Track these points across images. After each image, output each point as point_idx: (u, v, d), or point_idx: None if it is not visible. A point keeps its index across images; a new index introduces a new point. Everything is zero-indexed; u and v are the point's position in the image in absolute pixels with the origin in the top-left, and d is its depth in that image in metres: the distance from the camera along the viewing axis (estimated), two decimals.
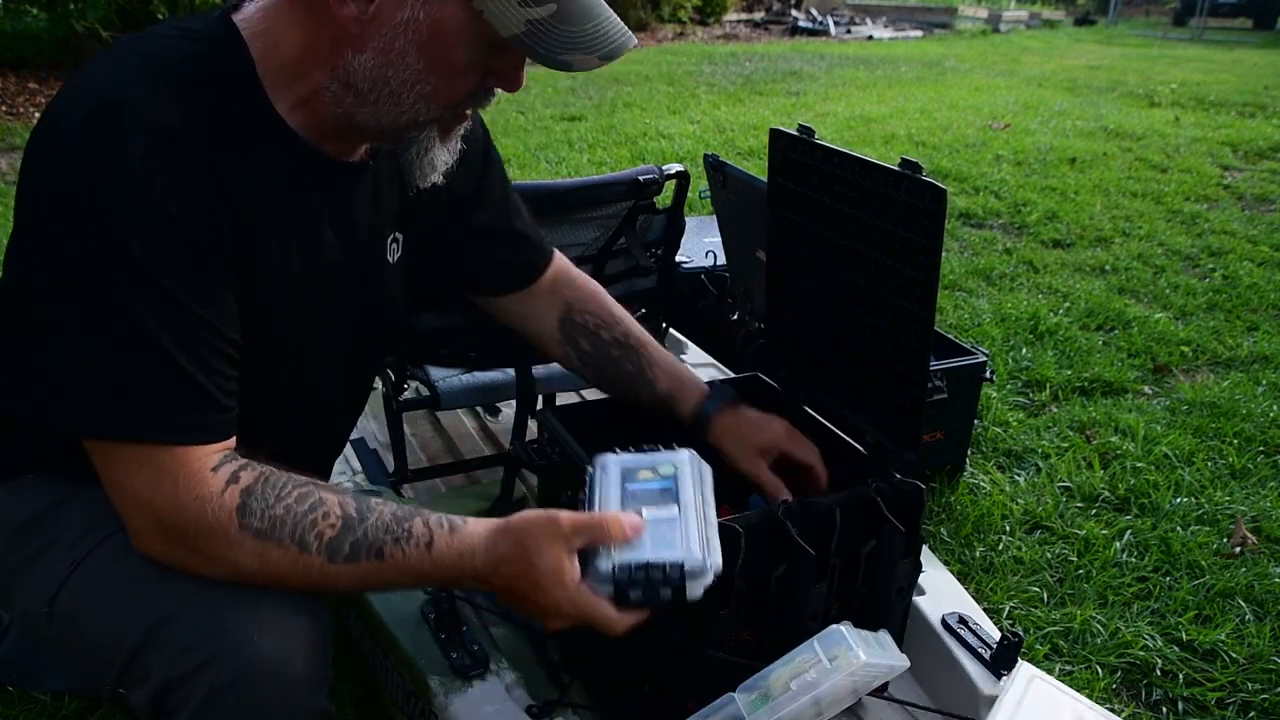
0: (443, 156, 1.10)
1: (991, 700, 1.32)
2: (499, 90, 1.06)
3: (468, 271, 1.37)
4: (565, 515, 0.99)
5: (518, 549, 0.98)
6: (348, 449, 2.02)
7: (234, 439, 0.99)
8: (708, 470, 1.11)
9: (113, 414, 0.92)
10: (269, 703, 0.94)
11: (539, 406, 2.01)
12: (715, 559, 0.98)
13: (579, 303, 1.42)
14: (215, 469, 0.95)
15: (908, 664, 1.19)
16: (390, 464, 1.92)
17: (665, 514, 1.01)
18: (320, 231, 1.08)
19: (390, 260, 1.21)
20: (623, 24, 1.02)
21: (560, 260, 1.45)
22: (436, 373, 1.92)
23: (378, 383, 2.04)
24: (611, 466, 1.10)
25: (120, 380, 0.92)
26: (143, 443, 0.93)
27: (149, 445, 0.93)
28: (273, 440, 1.04)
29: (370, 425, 2.10)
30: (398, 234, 1.21)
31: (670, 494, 1.05)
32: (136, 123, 0.90)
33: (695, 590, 0.97)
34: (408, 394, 1.91)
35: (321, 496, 0.98)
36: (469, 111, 1.08)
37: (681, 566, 0.95)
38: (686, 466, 1.09)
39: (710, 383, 1.44)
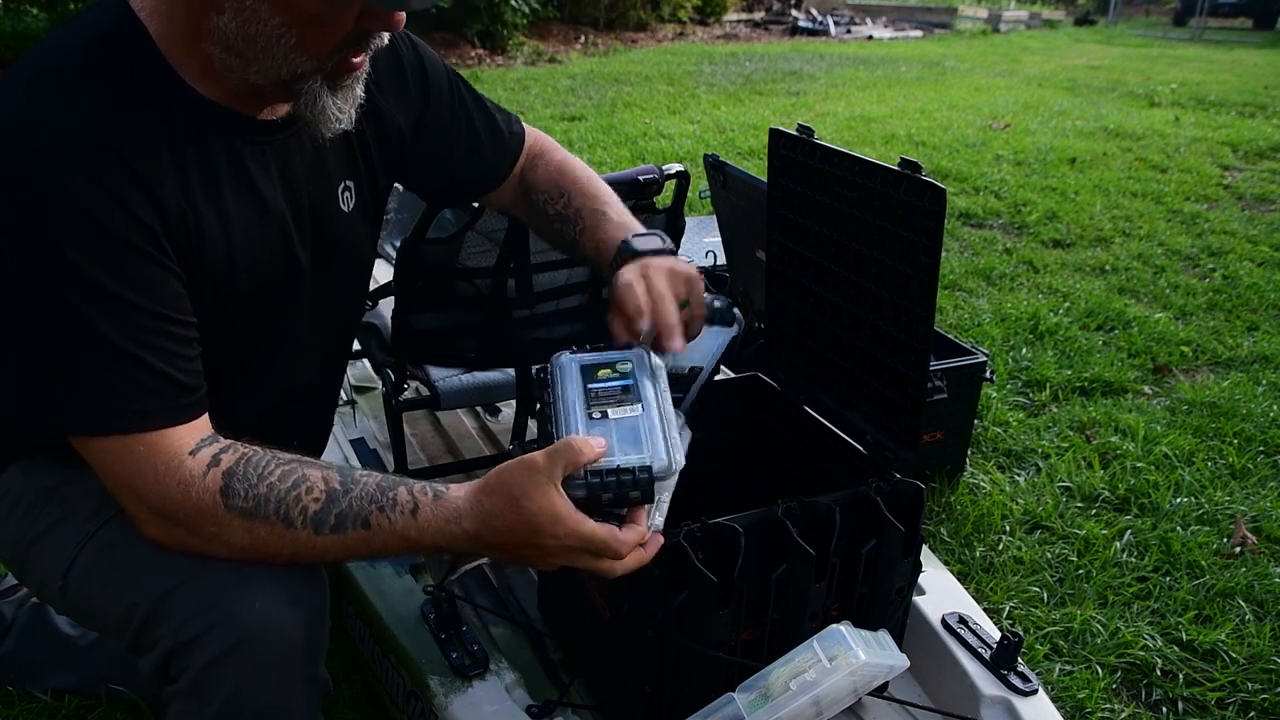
0: (337, 105, 1.07)
1: (991, 700, 1.33)
2: (383, 33, 1.04)
3: (443, 187, 1.40)
4: (538, 454, 1.00)
5: (505, 501, 0.99)
6: (347, 448, 2.02)
7: (206, 418, 1.01)
8: (660, 365, 1.13)
9: (80, 411, 0.95)
10: (267, 669, 0.98)
11: (539, 406, 2.01)
12: (679, 458, 1.02)
13: (536, 189, 1.42)
14: (194, 452, 0.97)
15: (907, 664, 1.19)
16: (390, 464, 1.92)
17: (629, 413, 1.05)
18: (259, 191, 1.08)
19: (345, 209, 1.22)
20: None
21: (532, 142, 1.44)
22: (436, 373, 1.92)
23: (378, 383, 2.04)
24: (570, 365, 1.11)
25: (77, 378, 0.94)
26: (115, 434, 0.95)
27: (122, 436, 0.96)
28: (247, 414, 1.06)
29: (370, 425, 2.10)
30: (349, 182, 1.22)
31: (632, 391, 1.07)
32: (49, 134, 0.92)
33: (662, 490, 1.00)
34: (408, 394, 1.91)
35: (305, 473, 1.00)
36: (357, 59, 1.05)
37: (650, 469, 0.99)
38: (643, 362, 1.11)
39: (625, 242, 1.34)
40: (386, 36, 1.05)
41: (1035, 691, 1.34)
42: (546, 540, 0.98)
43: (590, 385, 1.08)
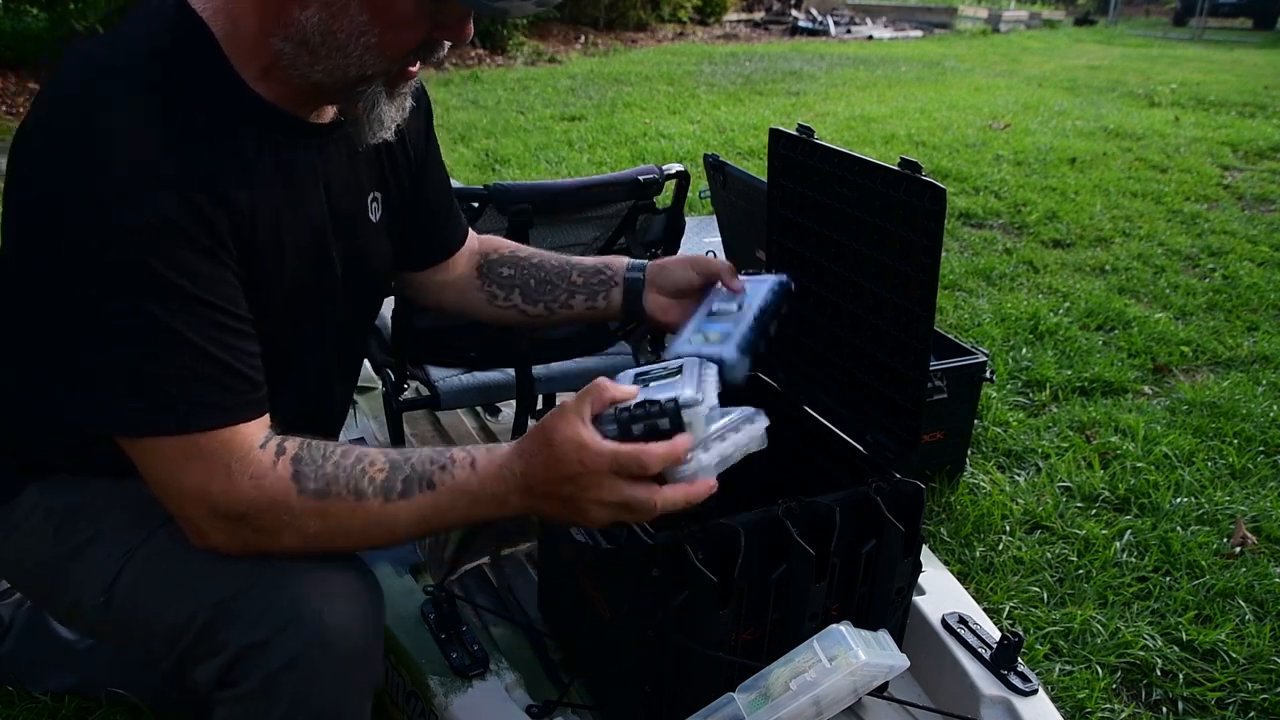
0: (390, 113, 1.10)
1: (991, 700, 1.33)
2: (447, 44, 1.06)
3: (408, 241, 1.38)
4: (569, 398, 1.03)
5: (540, 439, 1.00)
6: None
7: (268, 414, 1.02)
8: (711, 368, 1.17)
9: (156, 411, 0.94)
10: (336, 670, 0.98)
11: (539, 406, 2.01)
12: (710, 397, 1.05)
13: (492, 249, 1.45)
14: (262, 446, 0.98)
15: (907, 664, 1.19)
16: None
17: (670, 380, 1.10)
18: (304, 195, 1.10)
19: (373, 219, 1.23)
20: None
21: (473, 239, 1.47)
22: (436, 373, 1.92)
23: (378, 383, 2.04)
24: (626, 374, 1.16)
25: (154, 377, 0.94)
26: (189, 434, 0.95)
27: (195, 435, 0.95)
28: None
29: (370, 425, 2.10)
30: (376, 193, 1.22)
31: (677, 371, 1.14)
32: (118, 138, 0.91)
33: (693, 418, 1.01)
34: (408, 394, 1.90)
35: (361, 451, 1.02)
36: (414, 68, 1.08)
37: (676, 399, 1.01)
38: (693, 363, 1.17)
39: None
40: (446, 47, 1.07)
41: (1035, 691, 1.34)
42: (576, 469, 0.97)
43: (639, 374, 1.14)
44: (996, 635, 1.41)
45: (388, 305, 1.74)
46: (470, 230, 1.47)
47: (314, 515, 0.98)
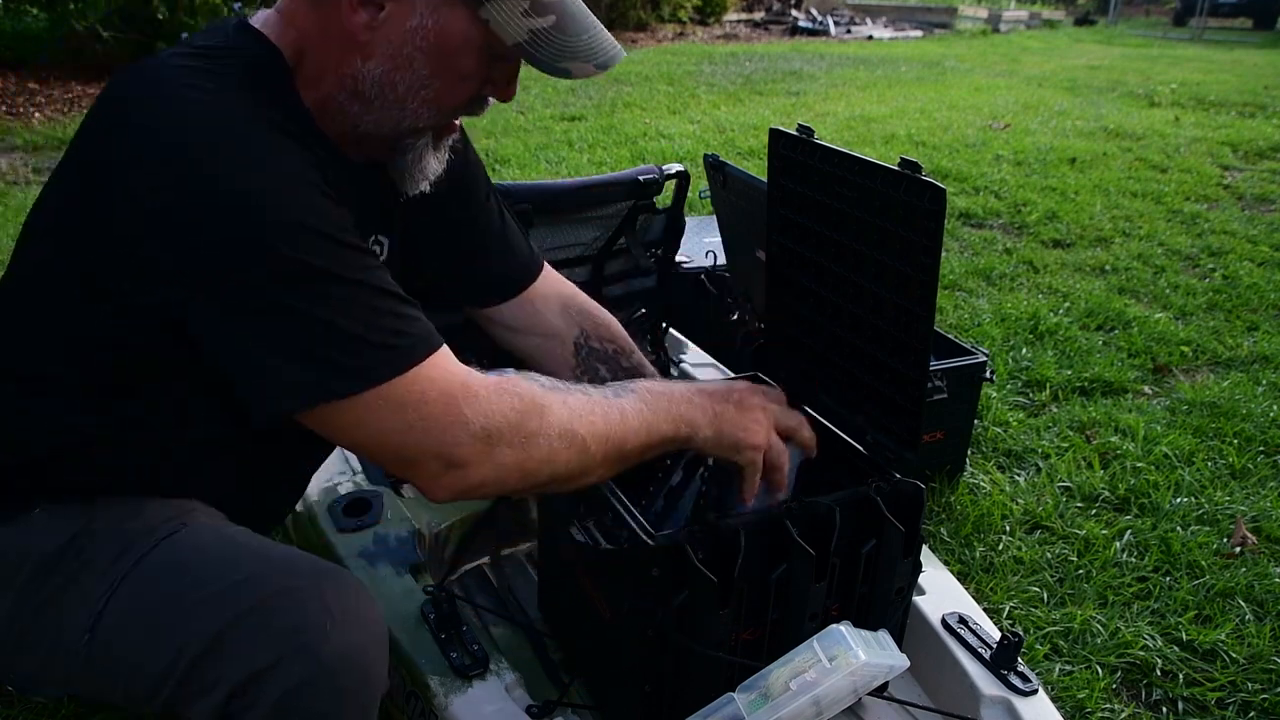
0: (434, 164, 1.13)
1: (991, 700, 1.33)
2: (492, 100, 1.10)
3: (458, 277, 1.37)
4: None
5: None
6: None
7: None
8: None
9: (377, 360, 0.94)
10: (344, 694, 0.95)
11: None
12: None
13: (595, 329, 1.44)
14: (469, 371, 1.01)
15: (907, 664, 1.18)
16: None
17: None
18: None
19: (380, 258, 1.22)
20: (614, 39, 1.08)
21: (556, 277, 1.46)
22: None
23: None
24: None
25: (362, 335, 0.94)
26: (418, 365, 0.95)
27: (424, 368, 0.96)
28: (272, 459, 1.11)
29: None
30: (381, 237, 1.22)
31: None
32: (256, 153, 0.93)
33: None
34: None
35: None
36: (459, 121, 1.11)
37: None
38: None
39: None
40: (491, 103, 1.11)
41: (1035, 691, 1.34)
42: (744, 392, 1.20)
43: None
44: (996, 635, 1.41)
45: None
46: (561, 283, 1.45)
47: (560, 406, 1.02)
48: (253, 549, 1.03)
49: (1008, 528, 2.14)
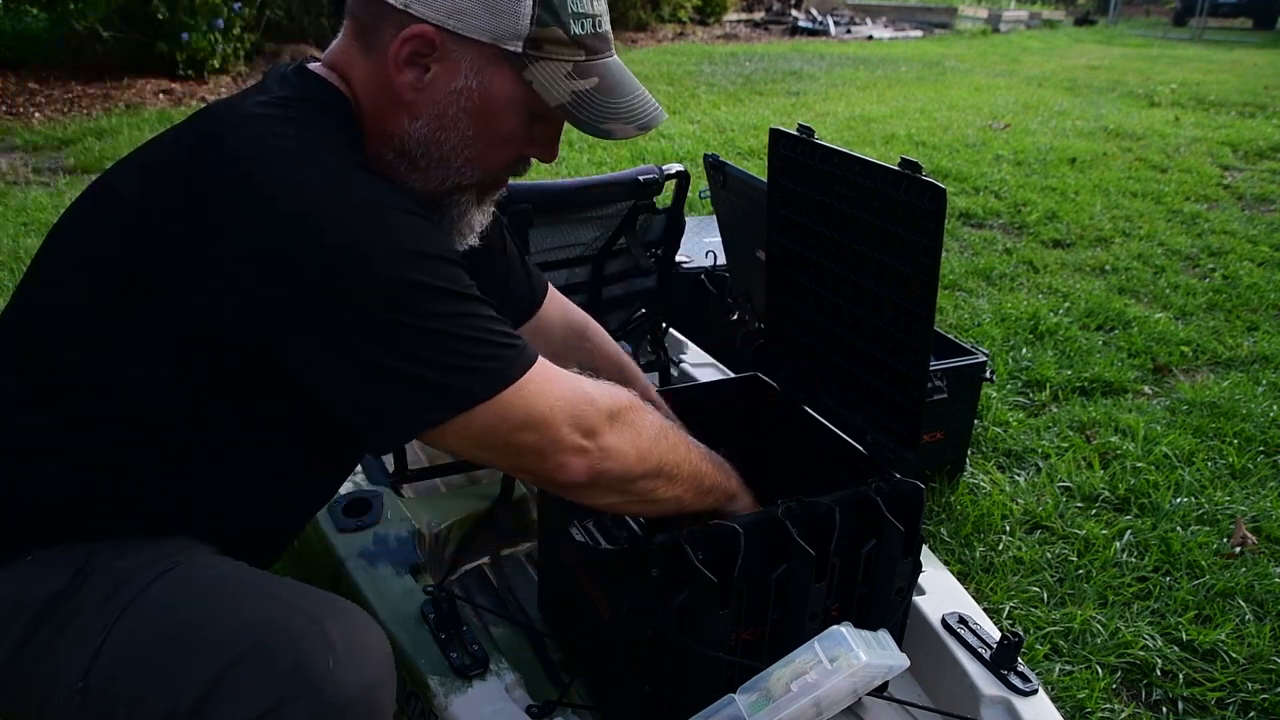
0: (479, 218, 1.14)
1: (991, 700, 1.33)
2: (534, 159, 1.12)
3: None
4: None
5: None
6: None
7: None
8: None
9: (498, 370, 0.96)
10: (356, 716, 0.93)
11: None
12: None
13: (601, 360, 1.46)
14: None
15: (908, 664, 1.19)
16: (390, 464, 1.92)
17: None
18: None
19: None
20: (655, 101, 1.10)
21: (560, 299, 1.48)
22: None
23: None
24: None
25: (478, 352, 0.96)
26: (539, 362, 1.00)
27: (542, 362, 1.00)
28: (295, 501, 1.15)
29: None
30: None
31: None
32: (359, 197, 0.94)
33: None
34: None
35: None
36: (505, 178, 1.14)
37: None
38: None
39: None
40: (533, 163, 1.13)
41: (1035, 691, 1.34)
42: None
43: None
44: (996, 635, 1.41)
45: None
46: (565, 306, 1.49)
47: (650, 413, 1.11)
48: (252, 585, 1.00)
49: (1008, 528, 2.14)
